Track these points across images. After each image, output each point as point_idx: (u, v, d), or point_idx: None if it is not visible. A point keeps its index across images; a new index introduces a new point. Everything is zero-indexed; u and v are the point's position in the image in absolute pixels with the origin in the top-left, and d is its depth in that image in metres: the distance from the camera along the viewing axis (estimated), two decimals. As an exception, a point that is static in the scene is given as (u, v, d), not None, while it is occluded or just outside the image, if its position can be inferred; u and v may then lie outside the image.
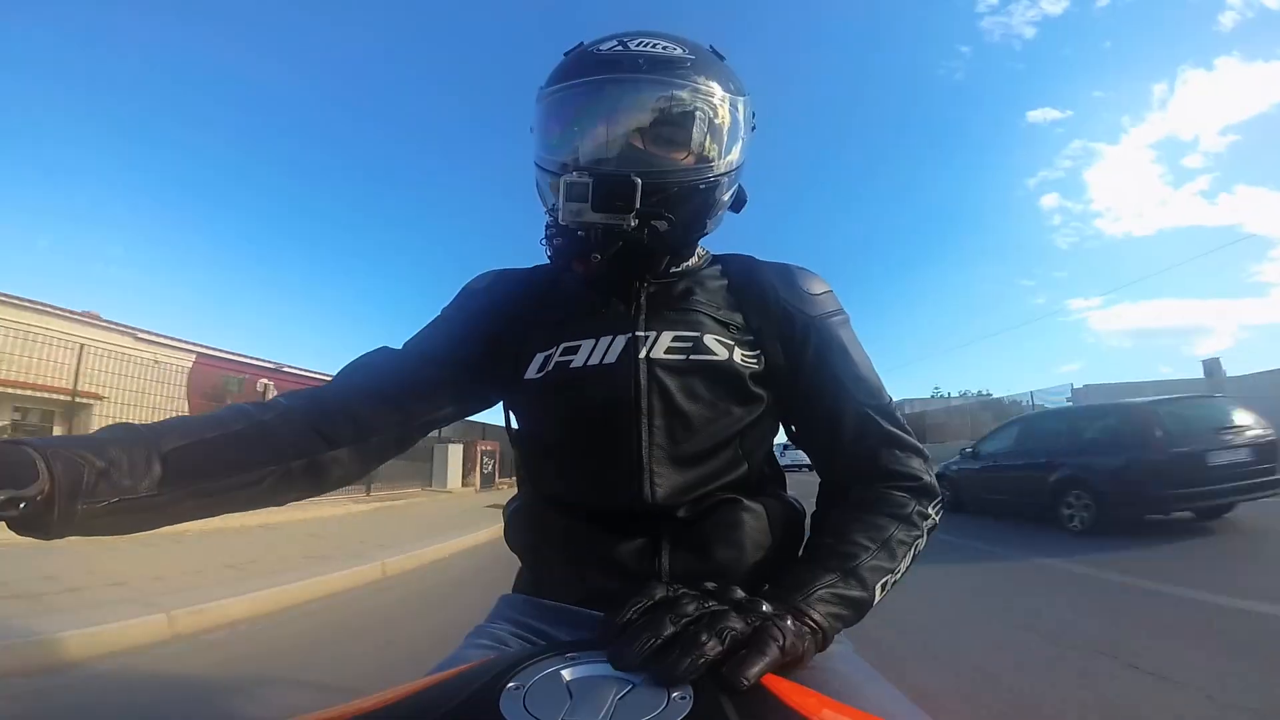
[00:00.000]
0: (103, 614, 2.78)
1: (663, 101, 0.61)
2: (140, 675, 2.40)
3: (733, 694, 0.34)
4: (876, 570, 0.54)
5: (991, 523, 6.63)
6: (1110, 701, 1.96)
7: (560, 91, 0.63)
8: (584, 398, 0.62)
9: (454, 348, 0.66)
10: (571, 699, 0.33)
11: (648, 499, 0.59)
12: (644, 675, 0.36)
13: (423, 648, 2.63)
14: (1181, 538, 4.92)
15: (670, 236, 0.62)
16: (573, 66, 0.63)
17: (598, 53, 0.62)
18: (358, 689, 0.56)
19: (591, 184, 0.57)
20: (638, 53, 0.61)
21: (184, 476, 0.47)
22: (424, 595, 4.05)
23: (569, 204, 0.58)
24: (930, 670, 2.35)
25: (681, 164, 0.61)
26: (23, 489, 0.37)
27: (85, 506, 0.41)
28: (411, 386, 0.62)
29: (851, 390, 0.63)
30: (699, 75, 0.61)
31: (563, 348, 0.63)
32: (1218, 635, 2.57)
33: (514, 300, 0.69)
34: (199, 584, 3.51)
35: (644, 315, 0.64)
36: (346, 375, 0.62)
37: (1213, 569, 3.98)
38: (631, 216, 0.58)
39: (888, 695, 0.51)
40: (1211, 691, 1.98)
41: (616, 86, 0.60)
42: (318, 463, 0.55)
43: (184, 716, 2.10)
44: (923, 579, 2.62)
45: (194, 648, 2.75)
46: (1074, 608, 3.14)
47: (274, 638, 2.97)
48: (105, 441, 0.44)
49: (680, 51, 0.62)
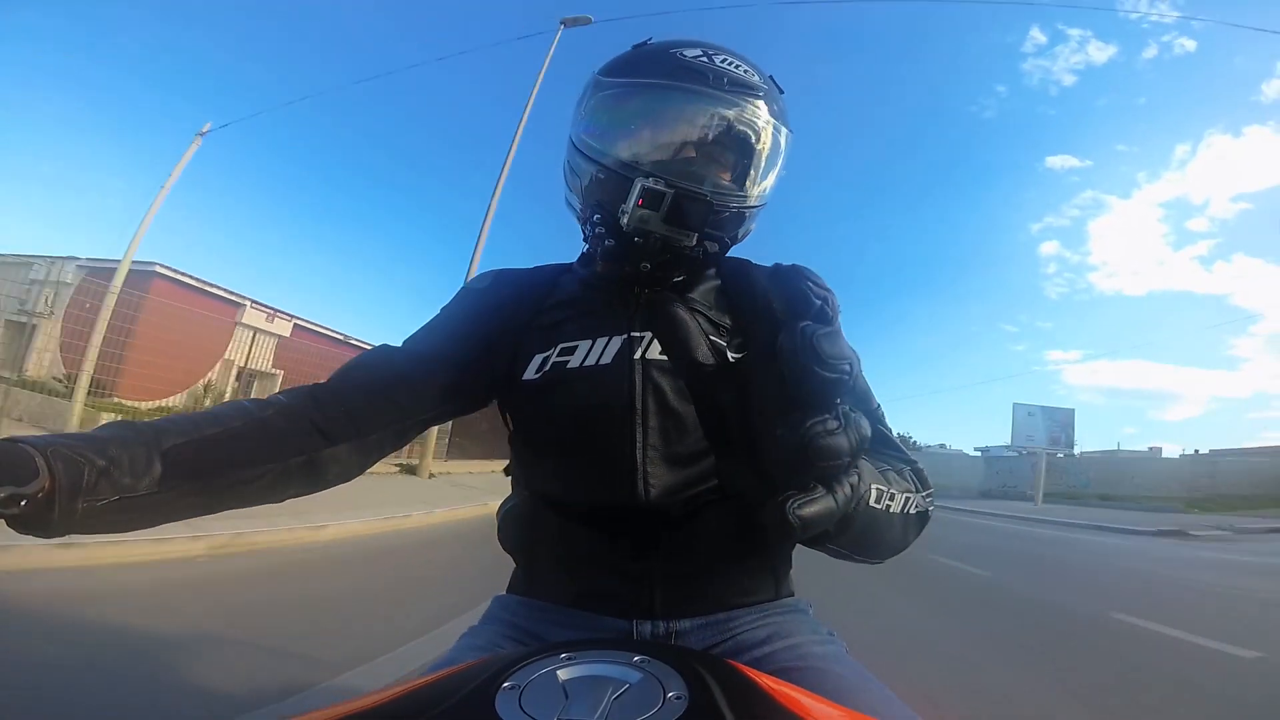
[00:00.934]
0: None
1: (739, 126, 0.60)
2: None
3: (729, 694, 0.35)
4: (871, 474, 0.48)
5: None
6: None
7: (636, 87, 0.62)
8: (580, 398, 0.62)
9: (452, 347, 0.66)
10: (567, 698, 0.34)
11: (642, 499, 0.59)
12: (641, 673, 0.36)
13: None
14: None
15: (715, 257, 0.63)
16: (651, 64, 0.61)
17: (683, 58, 0.60)
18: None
19: (671, 197, 0.57)
20: (722, 70, 0.60)
21: (184, 474, 0.46)
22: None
23: (640, 210, 0.57)
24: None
25: (747, 190, 0.62)
26: (23, 487, 0.38)
27: (86, 504, 0.41)
28: (410, 385, 0.62)
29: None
30: (770, 105, 0.62)
31: (560, 348, 0.63)
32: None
33: (512, 301, 0.69)
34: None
35: (640, 317, 0.64)
36: (345, 373, 0.62)
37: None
38: (695, 235, 0.58)
39: (880, 695, 0.51)
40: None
41: (700, 100, 0.59)
42: (316, 459, 0.55)
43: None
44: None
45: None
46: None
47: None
48: (106, 440, 0.44)
49: (757, 78, 0.62)
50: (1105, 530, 10.67)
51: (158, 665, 1.95)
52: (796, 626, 0.61)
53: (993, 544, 8.06)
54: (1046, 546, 8.06)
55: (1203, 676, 2.58)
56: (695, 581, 0.61)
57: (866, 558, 0.54)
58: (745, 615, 0.62)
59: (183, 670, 1.94)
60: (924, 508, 0.56)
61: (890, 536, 0.53)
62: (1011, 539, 9.04)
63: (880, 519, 0.49)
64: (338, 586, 3.30)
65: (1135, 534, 10.09)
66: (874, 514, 0.47)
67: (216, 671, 1.99)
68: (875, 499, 0.47)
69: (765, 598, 0.64)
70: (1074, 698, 2.21)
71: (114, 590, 2.64)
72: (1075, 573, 5.85)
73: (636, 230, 0.58)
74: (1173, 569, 6.08)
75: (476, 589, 2.09)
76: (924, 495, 0.56)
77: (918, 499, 0.55)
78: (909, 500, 0.53)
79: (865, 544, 0.51)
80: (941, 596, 4.20)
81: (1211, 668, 2.71)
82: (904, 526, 0.54)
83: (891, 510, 0.50)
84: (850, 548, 0.50)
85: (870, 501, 0.47)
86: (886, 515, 0.49)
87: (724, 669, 0.39)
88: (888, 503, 0.49)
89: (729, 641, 0.60)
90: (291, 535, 4.09)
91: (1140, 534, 10.05)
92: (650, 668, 0.37)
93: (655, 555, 0.60)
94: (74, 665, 1.85)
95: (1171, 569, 6.08)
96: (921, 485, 0.57)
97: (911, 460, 0.60)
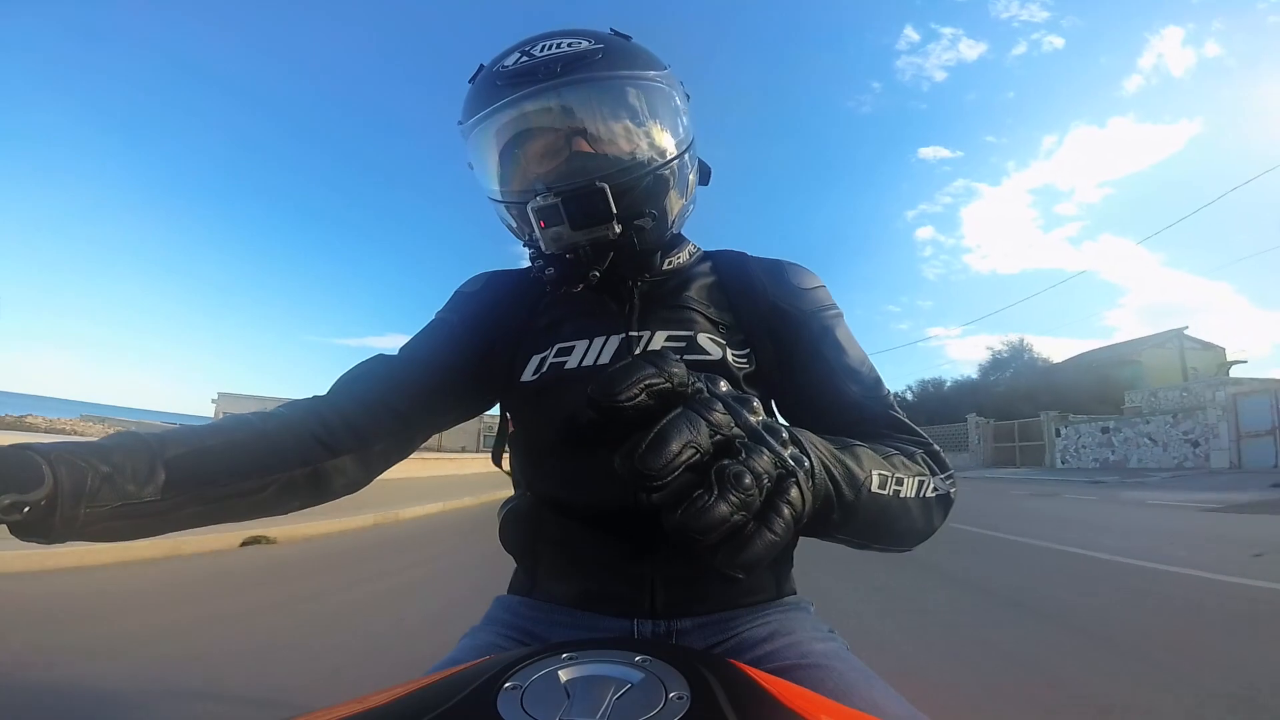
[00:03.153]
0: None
1: (591, 101, 0.58)
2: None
3: (731, 693, 0.35)
4: (873, 460, 0.45)
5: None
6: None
7: (483, 120, 0.60)
8: (579, 399, 0.61)
9: (449, 352, 0.65)
10: (569, 699, 0.33)
11: (643, 499, 0.59)
12: (642, 673, 0.36)
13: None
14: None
15: (657, 232, 0.61)
16: (485, 91, 0.59)
17: (505, 69, 0.58)
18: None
19: (560, 203, 0.55)
20: (547, 58, 0.57)
21: (187, 483, 0.47)
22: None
23: (547, 230, 0.56)
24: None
25: (638, 156, 0.60)
26: (26, 493, 0.37)
27: (88, 511, 0.41)
28: (409, 393, 0.62)
29: (851, 384, 0.62)
30: (616, 63, 0.59)
31: (557, 349, 0.63)
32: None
33: (508, 303, 0.69)
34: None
35: (637, 315, 0.64)
36: (345, 384, 0.61)
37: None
38: (614, 223, 0.57)
39: (884, 695, 0.51)
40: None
41: (540, 98, 0.58)
42: (320, 471, 0.55)
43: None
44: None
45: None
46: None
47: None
48: (109, 448, 0.44)
49: (587, 44, 0.59)
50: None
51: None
52: (798, 624, 0.61)
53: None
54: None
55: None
56: (696, 581, 0.61)
57: (888, 546, 0.51)
58: (747, 614, 0.62)
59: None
60: (944, 490, 0.52)
61: (908, 522, 0.49)
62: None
63: (891, 506, 0.45)
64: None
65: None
66: (881, 501, 0.44)
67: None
68: (879, 485, 0.44)
69: (767, 597, 0.64)
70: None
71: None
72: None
73: (561, 248, 0.57)
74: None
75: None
76: (942, 478, 0.53)
77: (934, 481, 0.51)
78: (924, 484, 0.49)
79: (880, 533, 0.47)
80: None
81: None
82: (923, 510, 0.50)
83: (903, 495, 0.46)
84: (864, 538, 0.46)
85: (873, 488, 0.43)
86: (898, 501, 0.46)
87: (726, 668, 0.39)
88: (895, 488, 0.46)
89: (731, 640, 0.60)
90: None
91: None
92: (652, 668, 0.37)
93: (656, 555, 0.60)
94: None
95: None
96: (939, 468, 0.54)
97: (926, 443, 0.57)
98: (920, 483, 0.49)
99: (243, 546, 4.42)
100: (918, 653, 2.39)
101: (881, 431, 0.58)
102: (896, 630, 2.70)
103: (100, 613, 2.71)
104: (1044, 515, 7.24)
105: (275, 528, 4.68)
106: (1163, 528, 5.74)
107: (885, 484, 0.45)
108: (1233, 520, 6.17)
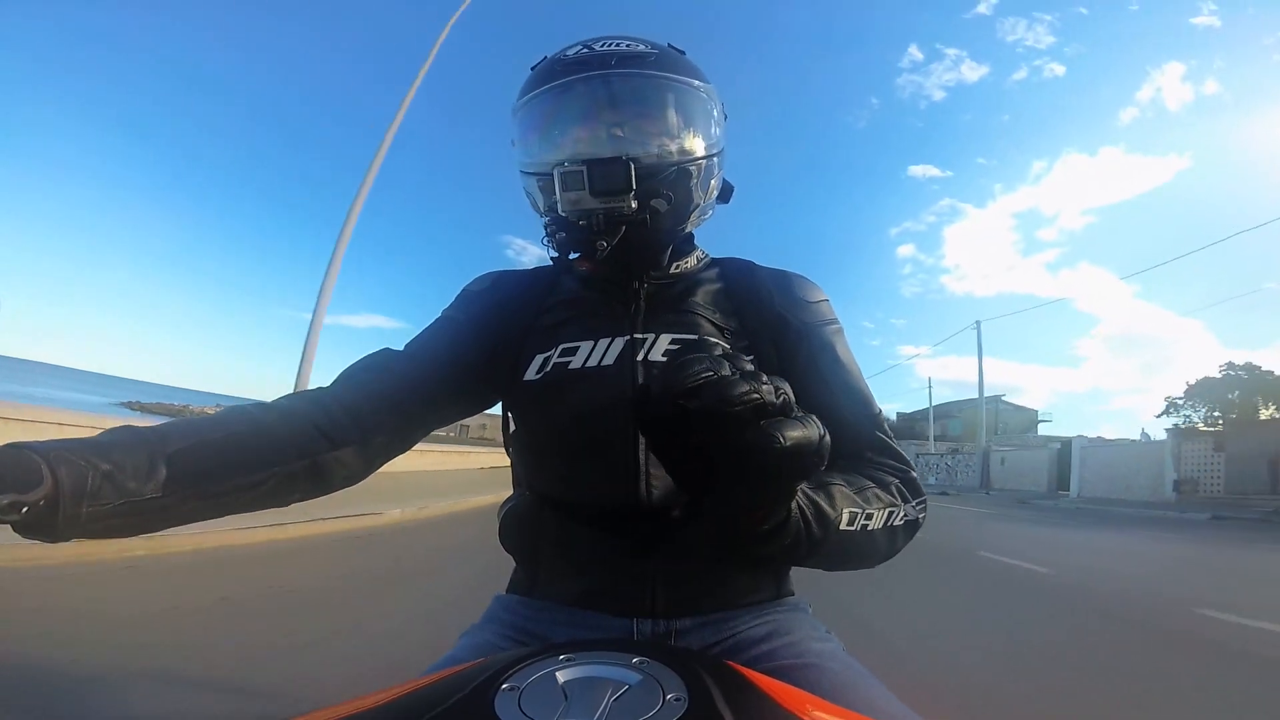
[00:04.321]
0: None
1: (636, 92, 0.63)
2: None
3: (728, 694, 0.35)
4: (846, 498, 0.50)
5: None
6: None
7: (536, 98, 0.64)
8: (581, 399, 0.62)
9: (454, 349, 0.66)
10: (566, 700, 0.34)
11: (644, 500, 0.59)
12: (640, 675, 0.36)
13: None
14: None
15: (670, 218, 0.63)
16: (543, 74, 0.64)
17: (565, 58, 0.64)
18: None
19: (586, 169, 0.59)
20: (604, 52, 0.63)
21: (188, 478, 0.46)
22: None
23: (567, 193, 0.59)
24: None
25: (668, 148, 0.63)
26: (26, 493, 0.37)
27: (90, 509, 0.41)
28: (412, 387, 0.62)
29: (842, 399, 0.63)
30: (664, 67, 0.64)
31: (561, 349, 0.63)
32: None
33: (513, 302, 0.69)
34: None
35: (642, 317, 0.64)
36: (348, 376, 0.62)
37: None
38: (631, 198, 0.59)
39: (879, 695, 0.51)
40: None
41: (589, 83, 0.62)
42: (321, 463, 0.55)
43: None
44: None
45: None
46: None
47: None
48: (109, 445, 0.44)
49: (644, 48, 0.64)
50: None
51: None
52: (795, 625, 0.61)
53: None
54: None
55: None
56: (696, 581, 0.61)
57: (850, 568, 0.55)
58: (745, 614, 0.62)
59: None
60: (913, 517, 0.57)
61: (871, 549, 0.54)
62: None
63: (855, 539, 0.50)
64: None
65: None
66: (846, 536, 0.49)
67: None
68: (848, 522, 0.49)
69: (765, 597, 0.64)
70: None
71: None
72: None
73: (576, 214, 0.60)
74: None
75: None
76: (914, 504, 0.58)
77: (905, 509, 0.56)
78: (893, 513, 0.55)
79: (844, 561, 0.53)
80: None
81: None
82: (889, 538, 0.55)
83: (870, 528, 0.52)
84: (829, 566, 0.52)
85: (842, 525, 0.48)
86: (864, 534, 0.51)
87: (724, 670, 0.39)
88: (863, 523, 0.51)
89: (729, 640, 0.60)
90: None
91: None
92: (650, 669, 0.37)
93: (656, 555, 0.60)
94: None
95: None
96: (912, 495, 0.58)
97: (904, 470, 0.60)
98: (890, 513, 0.54)
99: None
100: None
101: (864, 453, 0.61)
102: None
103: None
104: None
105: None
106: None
107: (854, 520, 0.50)
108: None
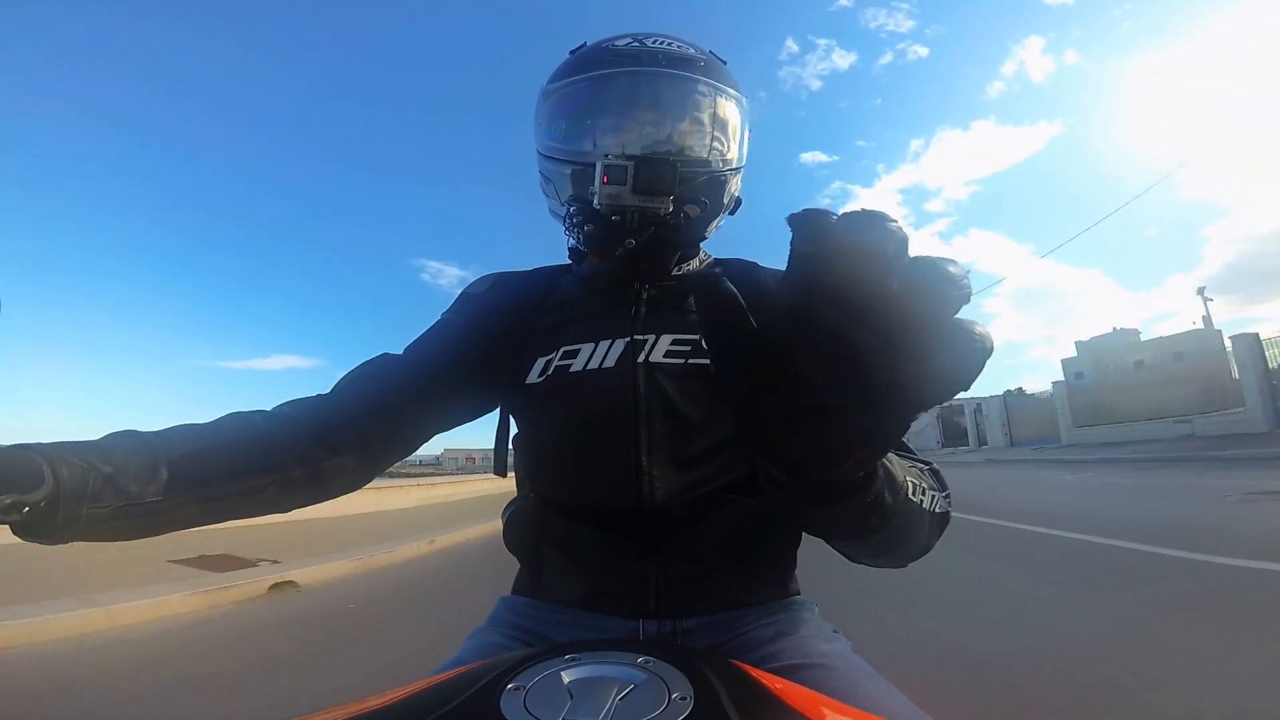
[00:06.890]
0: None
1: (688, 95, 0.63)
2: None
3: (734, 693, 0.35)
4: (900, 466, 0.43)
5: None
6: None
7: (578, 84, 0.64)
8: (583, 402, 0.62)
9: (454, 353, 0.65)
10: (572, 699, 0.33)
11: (646, 501, 0.59)
12: (645, 674, 0.36)
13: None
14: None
15: (698, 224, 0.63)
16: (588, 61, 0.64)
17: (614, 48, 0.63)
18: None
19: (633, 166, 0.57)
20: (656, 49, 0.62)
21: (189, 483, 0.47)
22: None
23: (607, 187, 0.58)
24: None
25: (708, 155, 0.63)
26: (27, 494, 0.38)
27: (90, 511, 0.41)
28: (413, 392, 0.62)
29: None
30: (712, 74, 0.64)
31: (562, 351, 0.63)
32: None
33: (513, 304, 0.69)
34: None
35: (643, 318, 0.64)
36: (348, 382, 0.61)
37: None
38: (669, 201, 0.59)
39: (887, 694, 0.51)
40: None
41: (639, 79, 0.62)
42: (320, 469, 0.55)
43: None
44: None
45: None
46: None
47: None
48: (111, 448, 0.44)
49: (694, 51, 0.64)
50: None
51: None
52: (802, 624, 0.61)
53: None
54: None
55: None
56: (701, 581, 0.61)
57: (895, 558, 0.51)
58: (751, 614, 0.62)
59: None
60: (945, 508, 0.52)
61: (918, 535, 0.49)
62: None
63: (915, 514, 0.45)
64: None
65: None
66: (910, 508, 0.43)
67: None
68: (911, 491, 0.43)
69: (771, 597, 0.64)
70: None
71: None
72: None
73: (611, 209, 0.59)
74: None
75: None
76: (944, 496, 0.53)
77: (940, 499, 0.51)
78: (934, 498, 0.50)
79: (898, 541, 0.47)
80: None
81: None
82: (929, 526, 0.50)
83: (924, 506, 0.46)
84: (887, 543, 0.46)
85: (909, 494, 0.43)
86: (919, 510, 0.46)
87: (729, 669, 0.39)
88: (919, 497, 0.45)
89: (735, 640, 0.60)
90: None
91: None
92: (655, 668, 0.37)
93: (661, 556, 0.60)
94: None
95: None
96: (940, 486, 0.54)
97: (927, 462, 0.56)
98: (933, 496, 0.49)
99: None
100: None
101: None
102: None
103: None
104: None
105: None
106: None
107: (915, 491, 0.44)
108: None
